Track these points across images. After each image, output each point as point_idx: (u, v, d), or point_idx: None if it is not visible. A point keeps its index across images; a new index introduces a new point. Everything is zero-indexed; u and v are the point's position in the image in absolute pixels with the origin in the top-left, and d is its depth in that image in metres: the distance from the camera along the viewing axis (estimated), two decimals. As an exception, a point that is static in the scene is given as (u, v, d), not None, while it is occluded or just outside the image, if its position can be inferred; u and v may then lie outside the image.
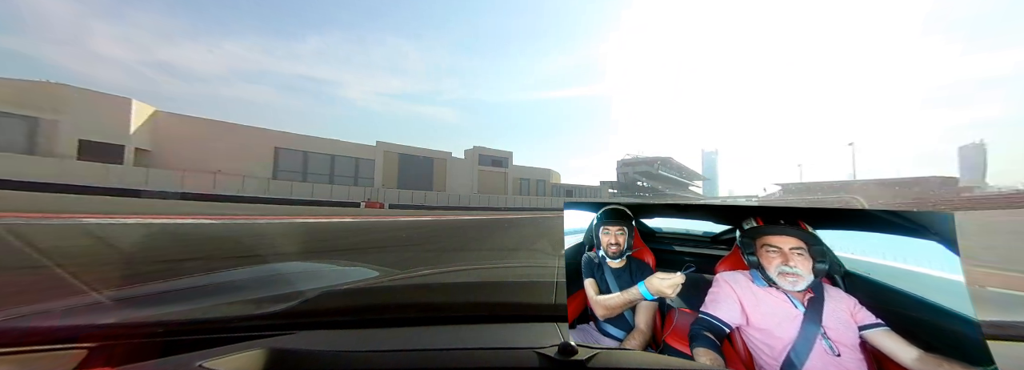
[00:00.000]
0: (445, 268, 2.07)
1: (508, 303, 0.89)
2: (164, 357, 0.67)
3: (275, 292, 1.04)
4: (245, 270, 1.78)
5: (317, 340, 0.74)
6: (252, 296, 1.02)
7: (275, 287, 1.21)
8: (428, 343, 0.71)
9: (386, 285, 1.24)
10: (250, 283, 1.34)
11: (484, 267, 1.80)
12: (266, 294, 1.04)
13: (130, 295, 1.05)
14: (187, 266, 4.09)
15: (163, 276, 1.29)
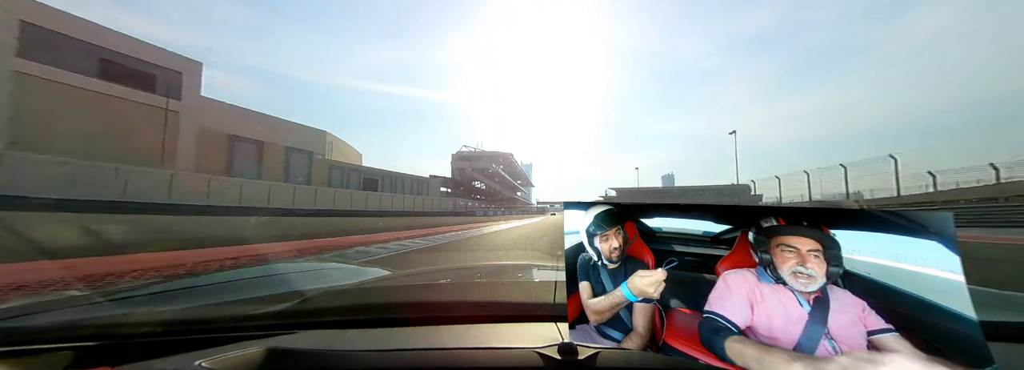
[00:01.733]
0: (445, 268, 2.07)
1: (508, 303, 0.88)
2: (164, 357, 0.67)
3: (275, 292, 1.04)
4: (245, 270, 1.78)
5: (317, 340, 0.74)
6: (252, 296, 1.02)
7: (275, 287, 1.21)
8: (428, 343, 0.71)
9: (386, 285, 1.24)
10: (250, 283, 1.34)
11: (484, 267, 1.80)
12: (266, 294, 1.04)
13: (130, 294, 1.04)
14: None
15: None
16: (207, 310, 0.85)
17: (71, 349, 0.68)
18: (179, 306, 0.88)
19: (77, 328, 0.74)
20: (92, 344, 0.70)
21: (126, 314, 0.83)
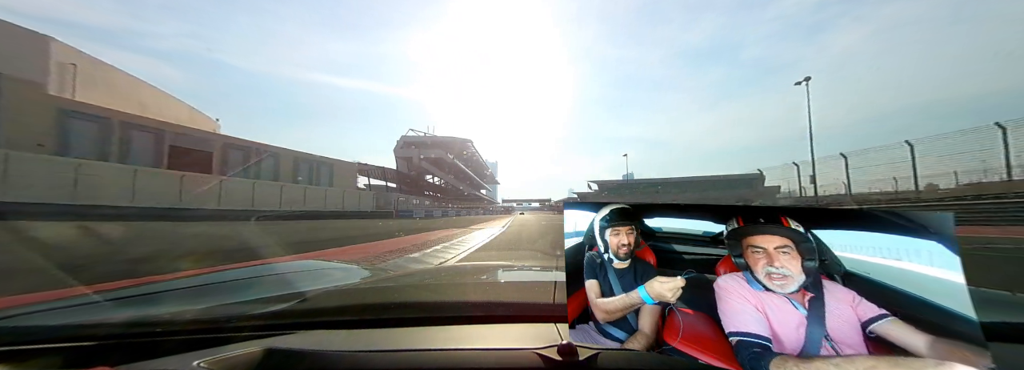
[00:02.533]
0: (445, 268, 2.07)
1: (508, 303, 0.88)
2: (163, 357, 0.67)
3: (275, 292, 1.04)
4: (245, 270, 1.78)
5: (317, 340, 0.74)
6: (252, 296, 1.02)
7: (275, 287, 1.20)
8: (427, 343, 0.71)
9: (385, 285, 1.24)
10: (250, 283, 1.34)
11: (484, 267, 1.80)
12: (266, 294, 1.04)
13: (129, 294, 1.04)
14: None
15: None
16: (206, 310, 0.85)
17: (71, 349, 0.68)
18: (178, 306, 0.88)
19: (77, 328, 0.74)
20: (92, 344, 0.70)
21: (126, 314, 0.83)
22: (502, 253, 6.67)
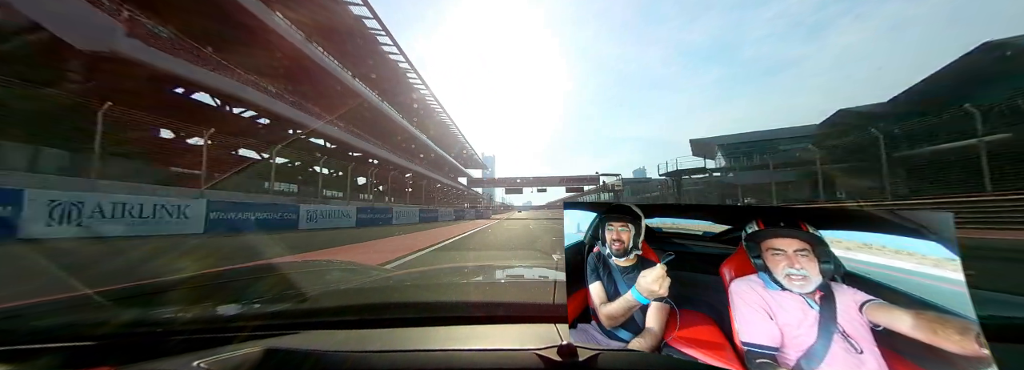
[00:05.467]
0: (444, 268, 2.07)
1: (508, 303, 0.88)
2: (163, 357, 0.67)
3: (274, 292, 1.04)
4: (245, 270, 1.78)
5: (317, 340, 0.74)
6: (252, 296, 1.02)
7: (275, 287, 1.21)
8: (426, 344, 0.71)
9: (385, 285, 1.24)
10: (250, 283, 1.34)
11: (484, 267, 1.80)
12: (266, 294, 1.04)
13: (129, 294, 1.04)
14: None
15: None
16: (206, 310, 0.85)
17: (71, 349, 0.68)
18: (178, 306, 0.88)
19: (77, 328, 0.74)
20: (92, 344, 0.70)
21: (125, 314, 0.83)
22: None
